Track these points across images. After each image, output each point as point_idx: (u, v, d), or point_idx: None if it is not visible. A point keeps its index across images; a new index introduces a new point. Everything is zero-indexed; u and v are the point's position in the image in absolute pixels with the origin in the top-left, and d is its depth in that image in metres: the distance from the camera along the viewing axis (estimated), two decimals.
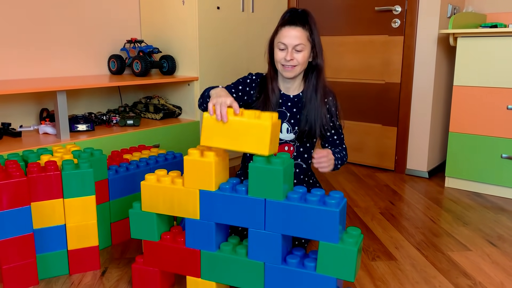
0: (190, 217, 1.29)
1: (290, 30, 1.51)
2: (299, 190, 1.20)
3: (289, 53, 1.51)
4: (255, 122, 1.18)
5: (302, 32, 1.51)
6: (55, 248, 1.49)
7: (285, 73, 1.55)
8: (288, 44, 1.51)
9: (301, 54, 1.52)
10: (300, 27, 1.51)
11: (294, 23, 1.51)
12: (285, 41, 1.51)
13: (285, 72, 1.55)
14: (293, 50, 1.51)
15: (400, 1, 2.63)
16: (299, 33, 1.51)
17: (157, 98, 2.64)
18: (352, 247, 1.12)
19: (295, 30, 1.51)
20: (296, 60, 1.52)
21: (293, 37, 1.51)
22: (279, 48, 1.54)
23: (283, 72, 1.55)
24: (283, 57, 1.52)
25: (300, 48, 1.51)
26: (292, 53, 1.51)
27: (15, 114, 2.25)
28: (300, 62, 1.53)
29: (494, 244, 1.78)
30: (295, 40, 1.51)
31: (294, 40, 1.51)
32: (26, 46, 2.26)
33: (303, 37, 1.51)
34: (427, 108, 2.60)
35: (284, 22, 1.54)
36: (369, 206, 2.19)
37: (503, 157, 2.27)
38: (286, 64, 1.53)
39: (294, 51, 1.52)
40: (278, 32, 1.55)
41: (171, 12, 2.56)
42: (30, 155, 1.58)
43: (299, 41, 1.51)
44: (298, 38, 1.51)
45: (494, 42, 2.22)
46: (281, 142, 1.65)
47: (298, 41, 1.51)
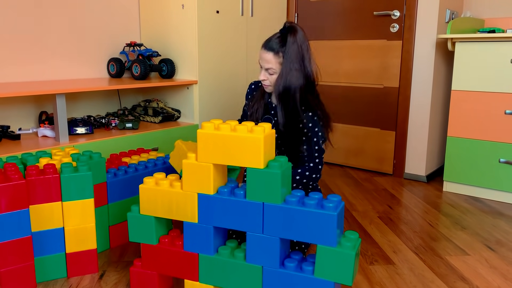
0: (188, 221, 1.29)
1: (262, 53, 1.61)
2: (297, 193, 1.20)
3: (262, 73, 1.63)
4: (248, 136, 1.17)
5: (272, 58, 1.58)
6: (53, 251, 1.49)
7: (265, 89, 1.67)
8: (262, 65, 1.62)
9: (272, 76, 1.61)
10: (271, 52, 1.58)
11: (267, 48, 1.59)
12: (260, 62, 1.63)
13: (265, 88, 1.67)
14: (266, 71, 1.62)
15: (399, 5, 2.64)
16: (270, 58, 1.58)
17: (156, 101, 2.64)
18: (350, 251, 1.13)
19: (267, 54, 1.59)
20: (269, 80, 1.62)
21: (265, 61, 1.60)
22: (260, 66, 1.65)
23: (264, 87, 1.67)
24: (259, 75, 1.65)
25: (271, 72, 1.60)
26: (265, 74, 1.62)
27: (14, 116, 2.25)
28: (272, 83, 1.62)
29: (492, 248, 1.78)
30: (266, 64, 1.60)
31: (265, 63, 1.60)
32: (25, 49, 2.27)
33: (273, 62, 1.58)
34: (426, 112, 2.61)
35: (263, 43, 1.62)
36: (367, 210, 2.20)
37: (501, 161, 2.27)
38: (263, 83, 1.65)
39: (267, 73, 1.61)
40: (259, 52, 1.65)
41: (170, 15, 2.57)
42: (29, 158, 1.58)
43: (269, 66, 1.59)
44: (268, 63, 1.59)
45: (492, 47, 2.23)
46: None
47: (267, 65, 1.60)
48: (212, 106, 2.64)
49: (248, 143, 1.17)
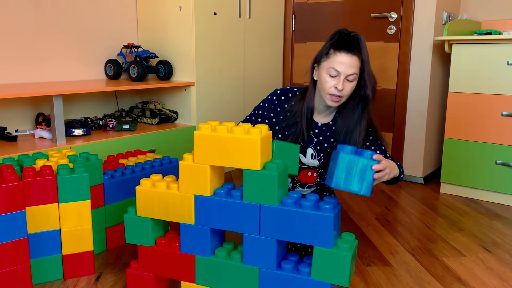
0: (185, 222, 1.29)
1: (346, 57, 1.40)
2: (294, 195, 1.20)
3: (341, 82, 1.40)
4: (245, 138, 1.17)
5: (356, 61, 1.40)
6: (50, 253, 1.48)
7: (330, 102, 1.45)
8: (341, 72, 1.40)
9: (351, 84, 1.42)
10: (356, 56, 1.40)
11: (352, 50, 1.40)
12: (339, 69, 1.40)
13: (330, 102, 1.44)
14: (345, 79, 1.41)
15: (396, 8, 2.65)
16: (354, 62, 1.40)
17: (153, 103, 2.64)
18: (347, 252, 1.13)
19: (351, 59, 1.40)
20: (345, 90, 1.42)
21: (349, 66, 1.39)
22: (330, 74, 1.42)
23: (328, 100, 1.45)
24: (333, 85, 1.41)
25: (352, 78, 1.41)
26: (344, 83, 1.40)
27: (11, 118, 2.25)
28: (346, 94, 1.43)
29: (488, 250, 1.78)
30: (350, 69, 1.39)
31: (349, 69, 1.39)
32: (22, 50, 2.26)
33: (357, 67, 1.41)
34: (423, 114, 2.62)
35: (339, 46, 1.41)
36: (365, 211, 2.20)
37: (497, 163, 2.28)
38: (334, 94, 1.42)
39: (345, 81, 1.41)
40: (331, 56, 1.42)
41: (168, 17, 2.58)
42: (26, 160, 1.58)
43: (354, 71, 1.40)
44: (352, 67, 1.40)
45: (488, 49, 2.24)
46: (304, 167, 1.63)
47: (352, 71, 1.40)
48: (209, 108, 2.64)
49: (245, 144, 1.17)
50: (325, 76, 1.43)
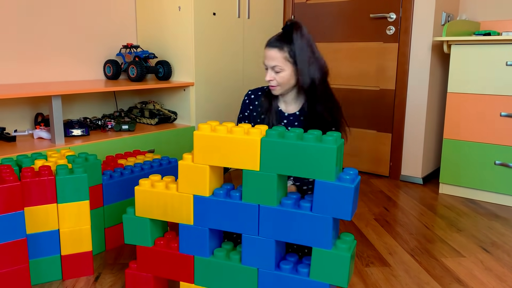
0: (184, 223, 1.28)
1: (267, 52, 1.57)
2: (293, 196, 1.20)
3: (268, 73, 1.58)
4: (245, 138, 1.17)
5: (277, 53, 1.55)
6: (48, 253, 1.48)
7: (272, 91, 1.62)
8: (267, 65, 1.58)
9: (279, 74, 1.56)
10: (276, 48, 1.55)
11: (271, 45, 1.57)
12: (265, 62, 1.58)
13: (272, 91, 1.61)
14: (272, 70, 1.57)
15: (395, 8, 2.65)
16: (275, 54, 1.55)
17: (152, 103, 2.64)
18: (345, 253, 1.13)
19: (271, 52, 1.56)
20: (276, 80, 1.57)
21: (270, 59, 1.56)
22: (265, 68, 1.60)
23: (271, 90, 1.62)
24: (265, 77, 1.60)
25: (277, 69, 1.55)
26: (272, 73, 1.57)
27: (9, 118, 2.24)
28: (280, 82, 1.57)
29: (487, 250, 1.78)
30: (272, 61, 1.56)
31: (270, 61, 1.56)
32: (21, 50, 2.26)
33: (279, 59, 1.55)
34: (422, 114, 2.62)
35: (266, 43, 1.59)
36: (364, 212, 2.20)
37: (496, 163, 2.28)
38: (269, 84, 1.60)
39: (273, 72, 1.57)
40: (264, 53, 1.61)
41: (167, 17, 2.57)
42: (24, 160, 1.58)
43: (275, 63, 1.55)
44: (273, 60, 1.55)
45: (487, 49, 2.24)
46: None
47: (274, 63, 1.55)
48: (208, 108, 2.64)
49: (244, 145, 1.17)
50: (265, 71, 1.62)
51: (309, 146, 1.11)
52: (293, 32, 1.54)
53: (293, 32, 1.54)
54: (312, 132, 1.14)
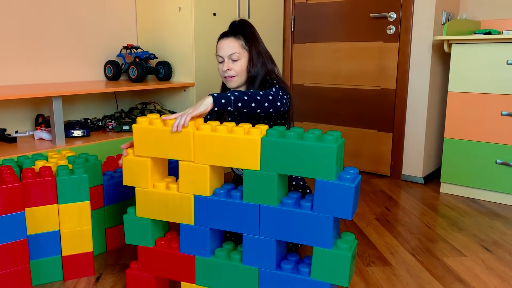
0: (185, 223, 1.28)
1: (222, 43, 1.60)
2: (293, 195, 1.20)
3: (225, 64, 1.58)
4: (245, 138, 1.17)
5: (234, 41, 1.58)
6: (49, 254, 1.48)
7: (228, 84, 1.63)
8: (223, 56, 1.59)
9: (237, 63, 1.58)
10: (232, 37, 1.59)
11: (225, 35, 1.60)
12: (220, 53, 1.60)
13: (228, 83, 1.62)
14: (229, 60, 1.58)
15: (395, 8, 2.65)
16: (231, 43, 1.58)
17: (153, 104, 2.64)
18: (346, 252, 1.12)
19: (226, 41, 1.59)
20: (234, 70, 1.58)
21: (226, 48, 1.58)
22: (219, 61, 1.62)
23: (227, 83, 1.63)
24: (222, 69, 1.60)
25: (235, 57, 1.57)
26: (229, 63, 1.58)
27: (10, 119, 2.25)
28: (237, 72, 1.58)
29: (489, 249, 1.78)
30: (229, 50, 1.57)
31: (227, 50, 1.58)
32: (22, 51, 2.26)
33: (236, 46, 1.58)
34: (422, 114, 2.62)
35: (218, 37, 1.63)
36: (365, 211, 2.20)
37: (497, 163, 2.28)
38: (226, 75, 1.60)
39: (230, 61, 1.58)
40: (216, 48, 1.62)
41: (167, 18, 2.58)
42: (25, 161, 1.58)
43: (233, 50, 1.57)
44: (231, 48, 1.57)
45: (488, 48, 2.24)
46: None
47: (231, 51, 1.57)
48: None
49: (245, 144, 1.17)
50: (218, 65, 1.63)
51: (309, 145, 1.11)
52: (243, 25, 1.61)
53: (244, 25, 1.61)
54: (312, 131, 1.14)
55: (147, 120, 1.27)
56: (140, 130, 1.27)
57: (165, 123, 1.24)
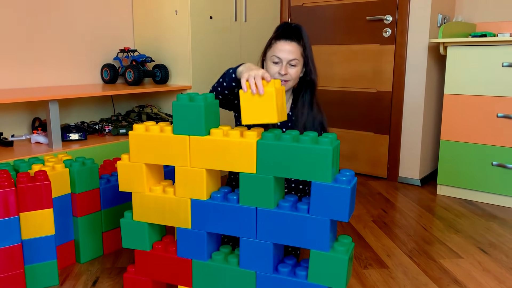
0: (182, 226, 1.28)
1: (285, 45, 1.52)
2: (290, 198, 1.20)
3: (283, 67, 1.52)
4: (240, 141, 1.17)
5: (296, 47, 1.53)
6: (45, 259, 1.47)
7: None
8: (283, 59, 1.52)
9: (294, 69, 1.53)
10: (295, 42, 1.53)
11: (290, 38, 1.53)
12: (280, 55, 1.52)
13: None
14: (287, 64, 1.52)
15: (391, 10, 2.66)
16: (294, 48, 1.52)
17: (150, 107, 2.64)
18: (343, 255, 1.13)
19: (290, 45, 1.52)
20: (290, 75, 1.53)
21: (288, 52, 1.51)
22: (273, 62, 1.54)
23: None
24: (277, 71, 1.52)
25: (294, 63, 1.52)
26: (287, 68, 1.52)
27: (7, 123, 2.24)
28: (293, 77, 1.54)
29: (485, 251, 1.78)
30: (290, 54, 1.52)
31: (289, 54, 1.51)
32: (18, 55, 2.26)
33: (298, 52, 1.53)
34: (419, 116, 2.62)
35: (278, 36, 1.54)
36: (362, 214, 2.20)
37: (494, 164, 2.28)
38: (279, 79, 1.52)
39: (288, 66, 1.53)
40: (272, 46, 1.55)
41: (164, 21, 2.58)
42: (21, 165, 1.57)
43: (294, 56, 1.52)
44: (293, 53, 1.52)
45: (483, 51, 2.25)
46: None
47: (293, 56, 1.52)
48: None
49: (240, 148, 1.17)
50: (270, 64, 1.55)
51: (304, 148, 1.12)
52: (301, 30, 1.55)
53: (301, 30, 1.55)
54: (307, 133, 1.14)
55: (144, 127, 1.27)
56: (137, 137, 1.26)
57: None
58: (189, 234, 1.28)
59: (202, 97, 1.19)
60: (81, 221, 1.63)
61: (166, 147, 1.24)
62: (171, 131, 1.24)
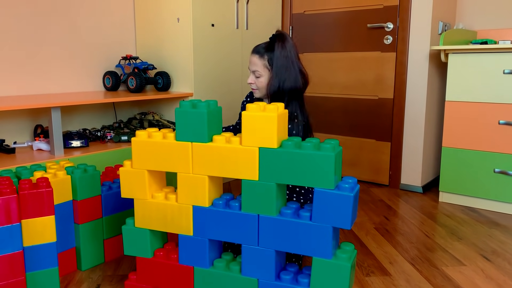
0: (183, 233, 1.28)
1: (251, 57, 1.72)
2: (292, 205, 1.20)
3: (250, 77, 1.72)
4: (243, 148, 1.18)
5: (258, 60, 1.69)
6: (46, 266, 1.47)
7: (254, 94, 1.76)
8: (250, 69, 1.72)
9: (259, 79, 1.70)
10: (257, 55, 1.69)
11: (254, 51, 1.72)
12: (248, 67, 1.74)
13: (253, 93, 1.76)
14: (253, 74, 1.71)
15: (392, 18, 2.67)
16: (256, 61, 1.69)
17: (151, 114, 2.65)
18: (346, 262, 1.12)
19: (253, 58, 1.71)
20: (256, 84, 1.71)
21: (252, 64, 1.71)
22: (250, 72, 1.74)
23: (253, 92, 1.77)
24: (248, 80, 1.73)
25: (257, 74, 1.69)
26: (252, 77, 1.71)
27: (9, 130, 2.24)
28: (258, 87, 1.71)
29: (488, 258, 1.77)
30: (252, 66, 1.71)
31: (252, 66, 1.71)
32: (21, 62, 2.27)
33: (259, 65, 1.68)
34: (420, 123, 2.62)
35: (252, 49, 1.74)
36: (364, 221, 2.19)
37: (496, 171, 2.28)
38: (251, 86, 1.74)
39: (254, 76, 1.71)
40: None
41: (166, 29, 2.59)
42: (23, 172, 1.58)
43: (255, 68, 1.69)
44: (254, 65, 1.70)
45: (484, 58, 2.26)
46: None
47: (254, 68, 1.70)
48: None
49: (243, 154, 1.17)
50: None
51: (307, 154, 1.12)
52: (275, 42, 1.66)
53: (275, 42, 1.66)
54: (310, 140, 1.14)
55: (146, 133, 1.27)
56: (139, 143, 1.27)
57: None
58: (191, 241, 1.27)
59: (205, 104, 1.20)
60: (83, 228, 1.63)
61: (168, 154, 1.24)
62: (174, 137, 1.24)
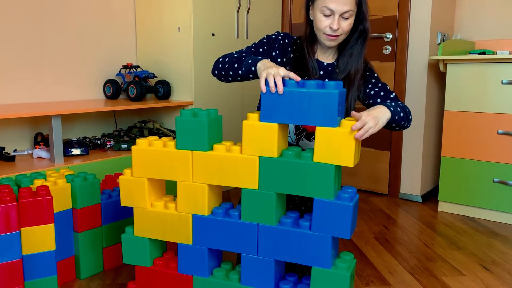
0: (183, 242, 1.28)
1: None
2: (292, 214, 1.20)
3: (336, 21, 1.35)
4: (243, 157, 1.18)
5: None
6: (45, 275, 1.47)
7: (328, 42, 1.41)
8: (335, 11, 1.34)
9: (347, 21, 1.37)
10: None
11: None
12: (333, 7, 1.34)
13: (328, 42, 1.41)
14: (340, 17, 1.35)
15: (391, 28, 2.69)
16: None
17: (152, 122, 2.65)
18: (345, 272, 1.12)
19: None
20: (342, 29, 1.37)
21: (343, 3, 1.33)
22: (324, 14, 1.36)
23: (325, 41, 1.41)
24: (328, 25, 1.37)
25: (348, 15, 1.35)
26: (339, 21, 1.35)
27: (9, 138, 2.25)
28: (345, 31, 1.38)
29: (487, 268, 1.77)
30: (345, 6, 1.33)
31: (343, 6, 1.33)
32: (21, 70, 2.28)
33: (352, 2, 1.35)
34: (419, 132, 2.63)
35: None
36: (363, 230, 2.19)
37: (495, 181, 2.28)
38: (331, 34, 1.38)
39: (341, 19, 1.36)
40: None
41: (166, 38, 2.61)
42: (23, 180, 1.58)
43: (349, 7, 1.34)
44: (347, 4, 1.33)
45: (483, 68, 2.27)
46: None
47: (347, 7, 1.34)
48: None
49: (243, 163, 1.18)
50: (319, 16, 1.38)
51: (307, 164, 1.12)
52: None
53: None
54: (310, 150, 1.15)
55: (147, 142, 1.28)
56: (140, 152, 1.27)
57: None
58: (190, 250, 1.27)
59: (206, 113, 1.20)
60: (82, 237, 1.62)
61: (168, 162, 1.24)
62: (174, 146, 1.25)
